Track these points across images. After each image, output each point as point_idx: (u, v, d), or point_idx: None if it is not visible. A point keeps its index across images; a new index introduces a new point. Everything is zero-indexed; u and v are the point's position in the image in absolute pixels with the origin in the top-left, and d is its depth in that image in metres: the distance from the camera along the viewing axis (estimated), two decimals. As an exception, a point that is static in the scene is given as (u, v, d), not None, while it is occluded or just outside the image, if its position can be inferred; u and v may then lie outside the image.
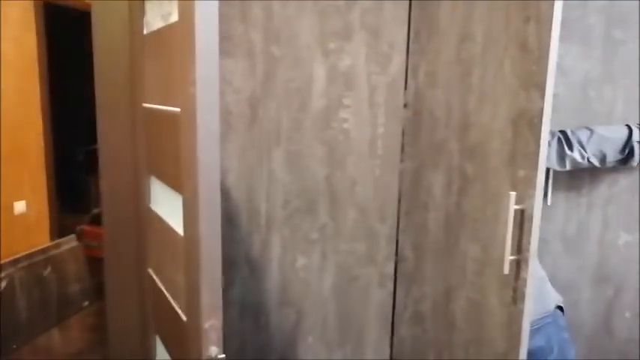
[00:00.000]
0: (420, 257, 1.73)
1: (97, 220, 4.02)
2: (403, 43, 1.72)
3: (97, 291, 3.44)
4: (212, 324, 1.01)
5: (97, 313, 3.38)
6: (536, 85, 1.21)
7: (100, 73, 1.94)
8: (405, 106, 1.74)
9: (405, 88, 1.74)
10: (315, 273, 1.81)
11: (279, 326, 1.82)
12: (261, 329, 1.80)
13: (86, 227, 4.06)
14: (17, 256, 3.06)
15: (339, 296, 1.84)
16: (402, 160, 1.78)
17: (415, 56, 1.70)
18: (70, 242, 3.52)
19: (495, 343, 1.37)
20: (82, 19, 3.00)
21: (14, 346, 2.91)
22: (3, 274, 2.92)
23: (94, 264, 3.50)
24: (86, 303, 3.51)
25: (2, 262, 2.94)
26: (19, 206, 3.15)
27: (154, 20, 1.50)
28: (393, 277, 1.84)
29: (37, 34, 3.23)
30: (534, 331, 1.42)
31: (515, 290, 1.28)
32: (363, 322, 1.87)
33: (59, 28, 3.52)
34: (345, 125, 1.75)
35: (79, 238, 3.67)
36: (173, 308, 1.32)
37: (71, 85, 3.95)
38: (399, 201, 1.80)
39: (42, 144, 3.32)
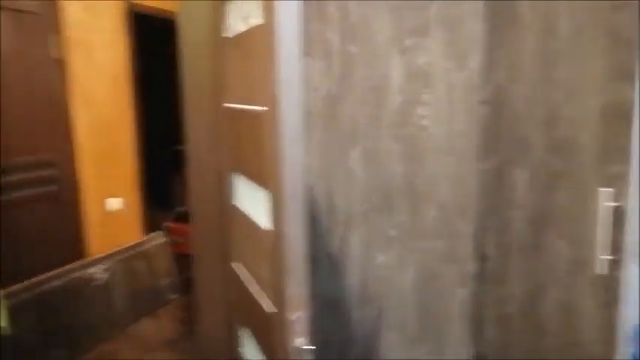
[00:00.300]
0: (504, 256, 1.68)
1: (181, 218, 4.24)
2: (481, 38, 1.67)
3: (184, 285, 3.61)
4: (298, 316, 1.04)
5: (185, 306, 3.56)
6: (628, 75, 1.15)
7: (187, 76, 2.04)
8: (485, 102, 1.70)
9: (484, 83, 1.69)
10: (395, 270, 1.81)
11: (361, 321, 1.83)
12: (344, 324, 1.82)
13: (171, 224, 4.28)
14: (114, 250, 3.30)
15: (419, 294, 1.82)
16: (482, 157, 1.73)
17: (494, 51, 1.65)
18: (158, 238, 3.72)
19: (590, 348, 1.30)
20: (167, 26, 3.19)
21: (109, 334, 3.13)
22: (105, 266, 3.15)
23: (180, 259, 3.69)
24: (174, 296, 3.70)
25: (101, 255, 3.18)
26: (112, 203, 3.37)
27: (235, 23, 1.57)
28: (475, 276, 1.80)
29: (128, 40, 3.44)
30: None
31: (610, 291, 1.21)
32: (445, 320, 1.84)
33: (146, 35, 3.73)
34: (424, 122, 1.73)
35: (165, 234, 3.87)
36: (257, 301, 1.37)
37: (156, 88, 4.18)
38: (480, 199, 1.75)
39: (133, 144, 3.53)
